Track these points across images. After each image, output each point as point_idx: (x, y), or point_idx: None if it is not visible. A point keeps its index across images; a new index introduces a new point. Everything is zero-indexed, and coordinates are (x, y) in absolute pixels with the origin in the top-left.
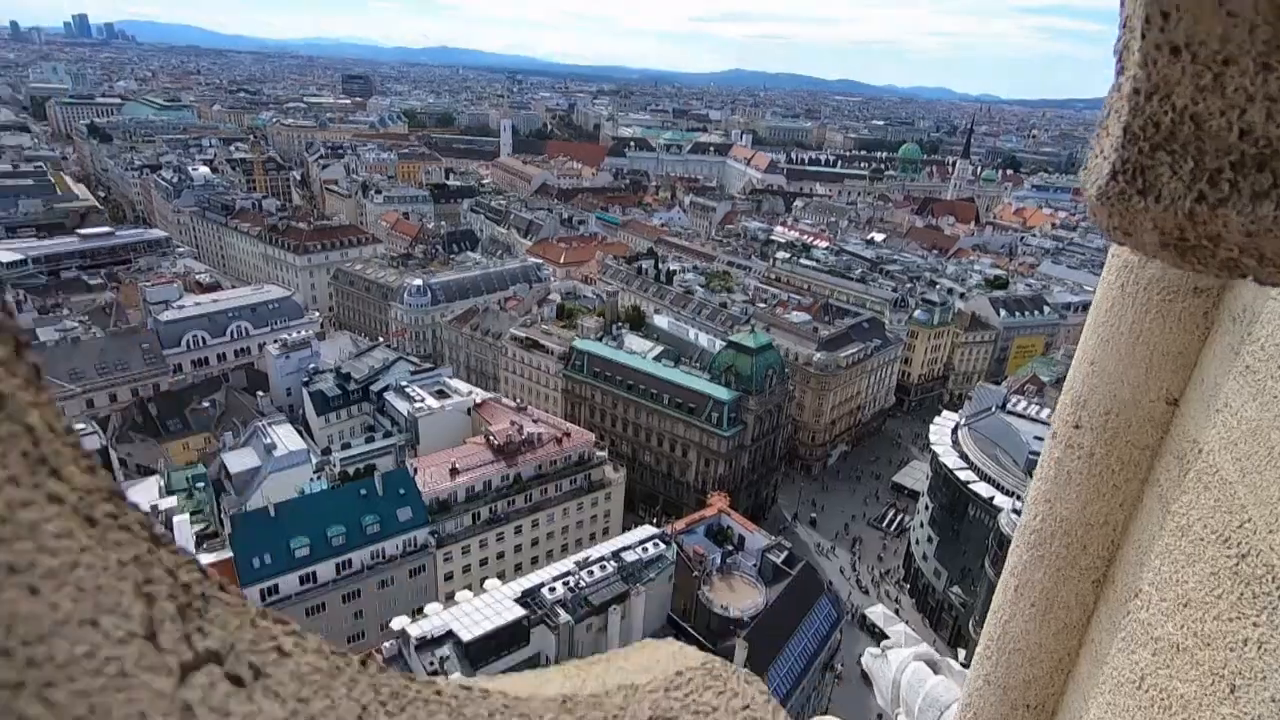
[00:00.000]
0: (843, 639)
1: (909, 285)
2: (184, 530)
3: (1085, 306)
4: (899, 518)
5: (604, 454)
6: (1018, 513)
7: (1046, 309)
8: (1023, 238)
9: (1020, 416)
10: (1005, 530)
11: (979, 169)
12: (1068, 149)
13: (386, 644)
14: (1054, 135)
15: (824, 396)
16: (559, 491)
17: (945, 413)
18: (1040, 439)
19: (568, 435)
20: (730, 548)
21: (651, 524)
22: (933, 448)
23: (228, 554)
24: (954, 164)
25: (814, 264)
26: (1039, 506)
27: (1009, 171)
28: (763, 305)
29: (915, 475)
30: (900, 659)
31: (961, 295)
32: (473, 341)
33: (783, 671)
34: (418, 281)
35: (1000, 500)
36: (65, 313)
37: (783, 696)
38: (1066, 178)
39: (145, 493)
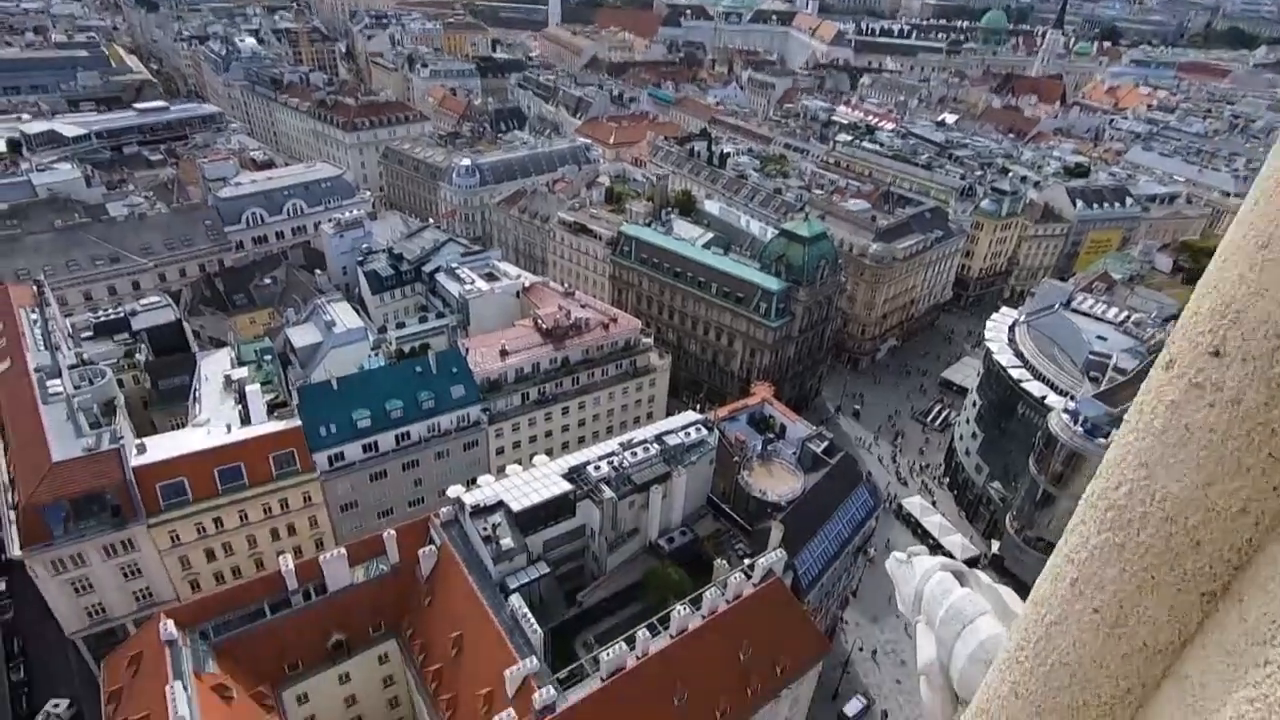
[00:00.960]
0: (878, 526)
1: (979, 173)
2: (256, 400)
3: (1173, 199)
4: (945, 413)
5: (650, 341)
6: (1069, 413)
7: (1129, 200)
8: (1112, 120)
9: (1085, 315)
10: (1055, 431)
11: (1072, 40)
12: (1177, 17)
13: (444, 509)
14: (1163, 1)
15: (877, 289)
16: (605, 376)
17: (1004, 309)
18: (1104, 339)
19: (614, 321)
20: (771, 436)
21: (695, 410)
22: (987, 344)
23: (297, 423)
24: (1043, 35)
25: (877, 148)
26: (1126, 472)
27: (1106, 44)
28: (819, 192)
29: (965, 372)
30: (925, 568)
31: (1035, 184)
32: (521, 224)
33: (815, 553)
34: (466, 162)
35: (1052, 400)
36: (131, 188)
37: (814, 576)
38: (1173, 51)
39: (218, 363)
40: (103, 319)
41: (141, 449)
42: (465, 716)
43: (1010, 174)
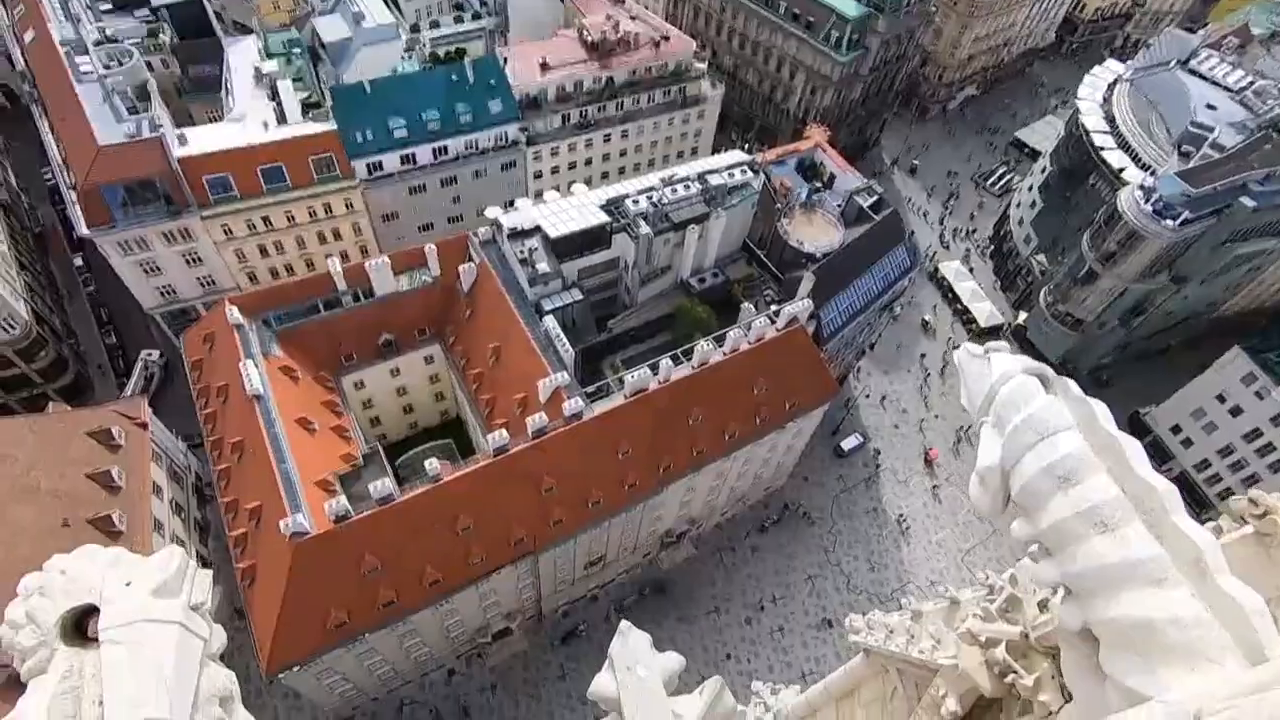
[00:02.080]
0: (910, 286)
1: None
2: (290, 97)
3: None
4: (1008, 178)
5: (703, 66)
6: (1144, 189)
7: None
8: None
9: (1201, 78)
10: (1122, 207)
11: None
12: None
13: (482, 229)
14: None
15: (969, 25)
16: (652, 103)
17: (1111, 61)
18: (1213, 108)
19: (666, 39)
20: (819, 185)
21: (742, 149)
22: (1077, 102)
23: (332, 126)
24: None
25: None
26: None
27: None
28: None
29: (1044, 133)
30: (1005, 367)
31: None
32: None
33: (842, 306)
34: None
35: (1132, 174)
36: None
37: (837, 327)
38: None
39: (246, 53)
40: None
41: (183, 140)
42: (502, 415)
43: None
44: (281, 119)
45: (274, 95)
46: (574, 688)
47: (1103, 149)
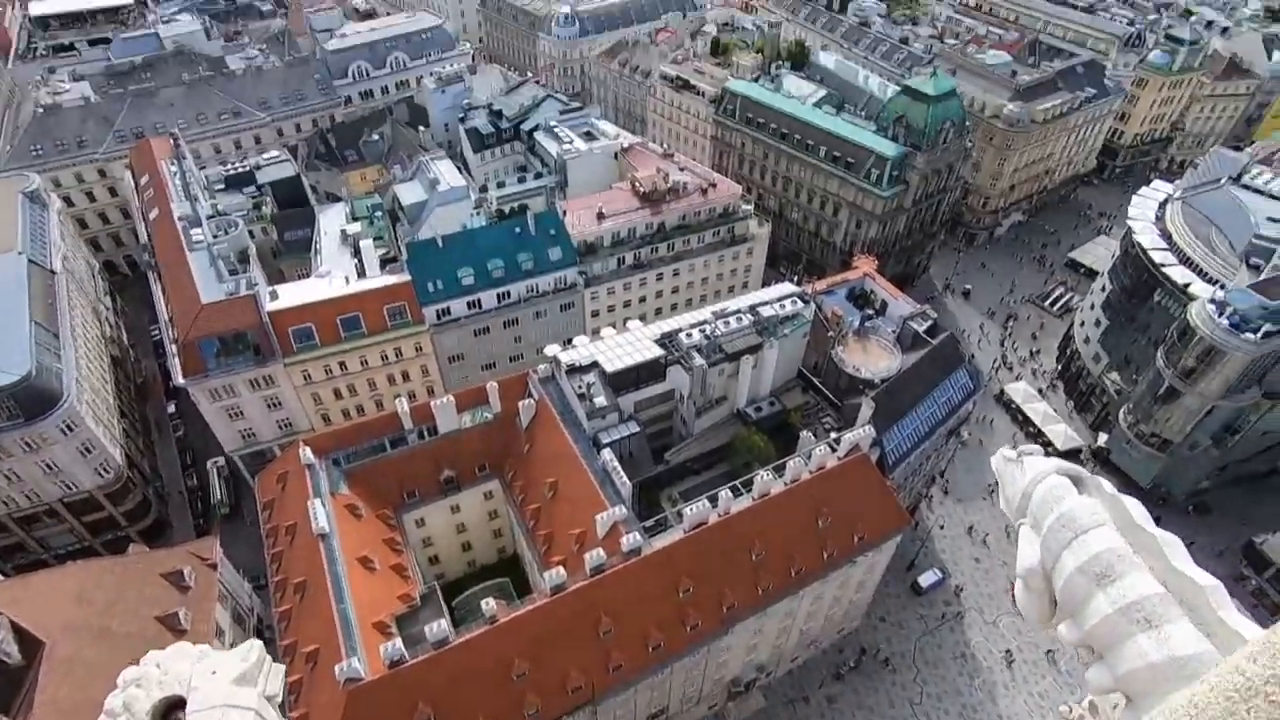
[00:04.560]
0: (976, 410)
1: (1153, 17)
2: (370, 254)
3: None
4: (1067, 297)
5: (750, 207)
6: (1216, 303)
7: None
8: None
9: (1257, 192)
10: (1195, 322)
11: None
12: None
13: (541, 366)
14: None
15: (1007, 157)
16: (702, 243)
17: (1157, 182)
18: (1277, 221)
19: (714, 186)
20: (871, 312)
21: (792, 282)
22: (1130, 222)
23: (407, 278)
24: None
25: None
26: None
27: None
28: (953, 42)
29: (1097, 253)
30: (1038, 469)
31: (1224, 30)
32: (620, 80)
33: (905, 432)
34: (565, 9)
35: (1199, 288)
36: (246, 40)
37: (902, 454)
38: None
39: (335, 218)
40: (231, 172)
41: (274, 296)
42: (559, 551)
43: (1193, 17)
44: (361, 273)
45: (356, 252)
46: None
47: (1164, 265)
